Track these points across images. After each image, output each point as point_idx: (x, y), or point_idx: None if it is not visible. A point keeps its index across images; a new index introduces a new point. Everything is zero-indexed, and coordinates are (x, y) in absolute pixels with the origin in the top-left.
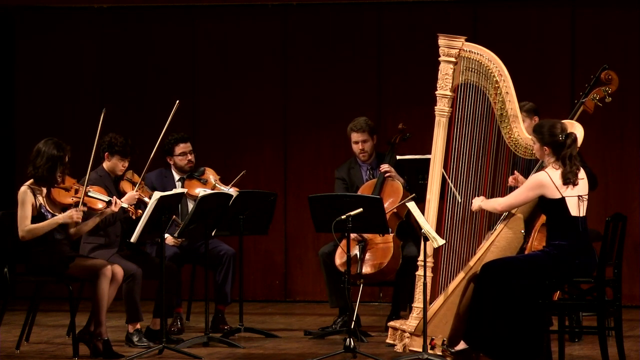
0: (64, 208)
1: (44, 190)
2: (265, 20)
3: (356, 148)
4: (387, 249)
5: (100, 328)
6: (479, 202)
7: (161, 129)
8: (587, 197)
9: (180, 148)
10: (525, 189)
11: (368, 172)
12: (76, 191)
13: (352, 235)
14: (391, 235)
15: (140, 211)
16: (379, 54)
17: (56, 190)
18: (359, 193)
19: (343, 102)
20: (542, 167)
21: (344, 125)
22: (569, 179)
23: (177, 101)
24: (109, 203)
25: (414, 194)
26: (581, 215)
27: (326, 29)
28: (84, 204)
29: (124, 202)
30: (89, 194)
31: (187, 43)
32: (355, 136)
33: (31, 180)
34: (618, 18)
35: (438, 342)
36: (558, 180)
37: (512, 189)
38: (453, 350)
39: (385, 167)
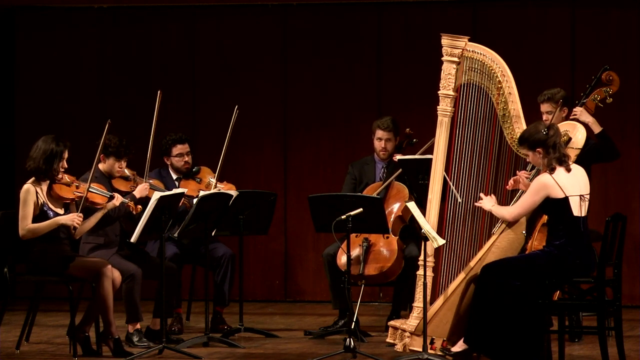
0: (66, 204)
1: (45, 187)
2: (265, 20)
3: (378, 145)
4: (391, 251)
5: (110, 327)
6: (489, 205)
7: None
8: (588, 196)
9: (178, 149)
10: (530, 194)
11: (383, 170)
12: (77, 187)
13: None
14: (395, 238)
15: (140, 207)
16: (379, 54)
17: (57, 185)
18: (363, 194)
19: (343, 102)
20: (539, 172)
21: (344, 126)
22: (562, 161)
23: (159, 91)
24: (110, 198)
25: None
26: (583, 215)
27: (326, 29)
28: (87, 199)
29: (136, 194)
30: (91, 189)
31: (187, 43)
32: (380, 133)
33: (32, 179)
34: (618, 18)
35: (438, 346)
36: (561, 180)
37: (514, 192)
38: (453, 352)
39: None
